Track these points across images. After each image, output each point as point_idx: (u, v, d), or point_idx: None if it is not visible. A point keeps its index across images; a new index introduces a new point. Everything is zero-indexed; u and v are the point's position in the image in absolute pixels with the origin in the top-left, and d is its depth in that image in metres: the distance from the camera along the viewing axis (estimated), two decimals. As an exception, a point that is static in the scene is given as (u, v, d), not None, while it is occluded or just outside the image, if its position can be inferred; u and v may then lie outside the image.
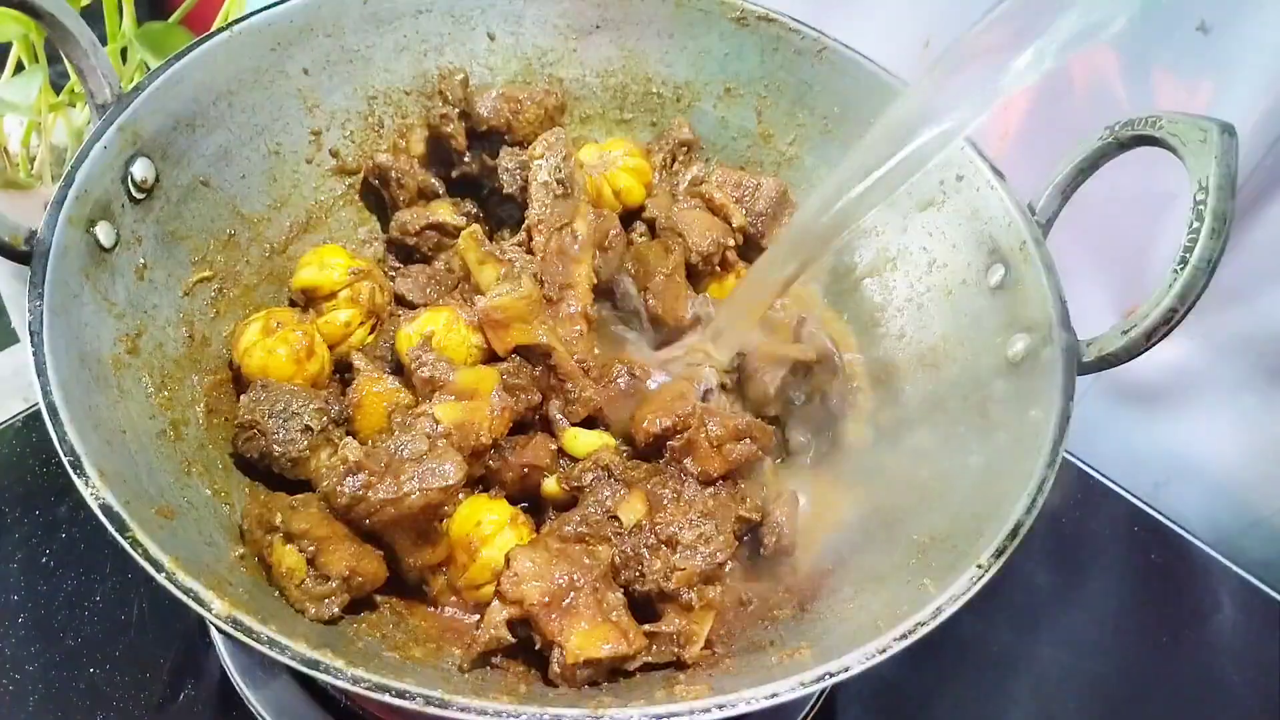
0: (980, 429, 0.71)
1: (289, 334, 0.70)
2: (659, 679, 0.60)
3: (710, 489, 0.68)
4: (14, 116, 0.98)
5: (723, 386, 0.75)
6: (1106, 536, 0.98)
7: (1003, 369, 0.73)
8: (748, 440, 0.69)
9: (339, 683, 0.49)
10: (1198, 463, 1.06)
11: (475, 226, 0.73)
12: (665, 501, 0.66)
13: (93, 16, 0.80)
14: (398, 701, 0.48)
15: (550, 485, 0.68)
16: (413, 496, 0.61)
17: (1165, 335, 0.63)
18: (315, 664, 0.49)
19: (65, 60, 0.68)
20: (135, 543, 0.51)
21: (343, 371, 0.74)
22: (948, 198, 0.81)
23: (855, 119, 0.87)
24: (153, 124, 0.70)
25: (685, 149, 0.91)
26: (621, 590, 0.63)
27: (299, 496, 0.62)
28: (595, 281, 0.77)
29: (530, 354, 0.71)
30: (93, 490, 0.52)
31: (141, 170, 0.69)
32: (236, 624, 0.50)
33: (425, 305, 0.74)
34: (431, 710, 0.48)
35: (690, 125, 0.92)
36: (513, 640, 0.60)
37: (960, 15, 0.97)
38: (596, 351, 0.75)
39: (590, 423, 0.72)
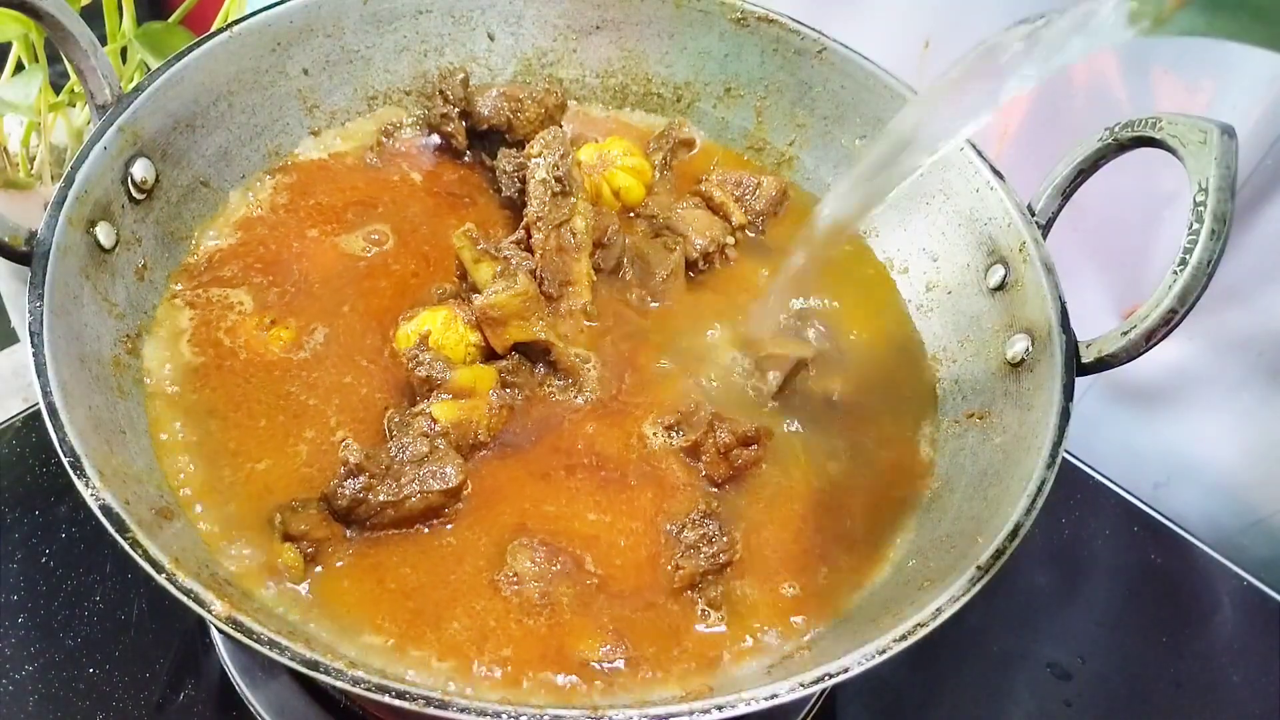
0: (979, 430, 0.72)
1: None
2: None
3: (716, 489, 0.69)
4: (14, 116, 0.99)
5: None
6: (1106, 536, 0.98)
7: (1002, 370, 0.73)
8: (755, 446, 0.69)
9: (339, 683, 0.49)
10: (1198, 463, 1.06)
11: (470, 225, 0.73)
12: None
13: (93, 16, 0.80)
14: (397, 702, 0.48)
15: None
16: (413, 499, 0.61)
17: (1165, 336, 0.63)
18: (315, 664, 0.49)
19: (65, 60, 0.68)
20: (135, 543, 0.51)
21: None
22: (947, 198, 0.81)
23: (855, 119, 0.87)
24: (153, 124, 0.70)
25: (685, 149, 0.91)
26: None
27: (299, 497, 0.62)
28: (594, 279, 0.77)
29: (530, 351, 0.71)
30: (93, 491, 0.52)
31: (141, 171, 0.69)
32: (236, 624, 0.50)
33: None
34: (431, 711, 0.48)
35: (690, 125, 0.92)
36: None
37: (960, 15, 0.99)
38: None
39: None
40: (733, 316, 0.79)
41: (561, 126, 0.85)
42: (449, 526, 0.63)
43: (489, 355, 0.71)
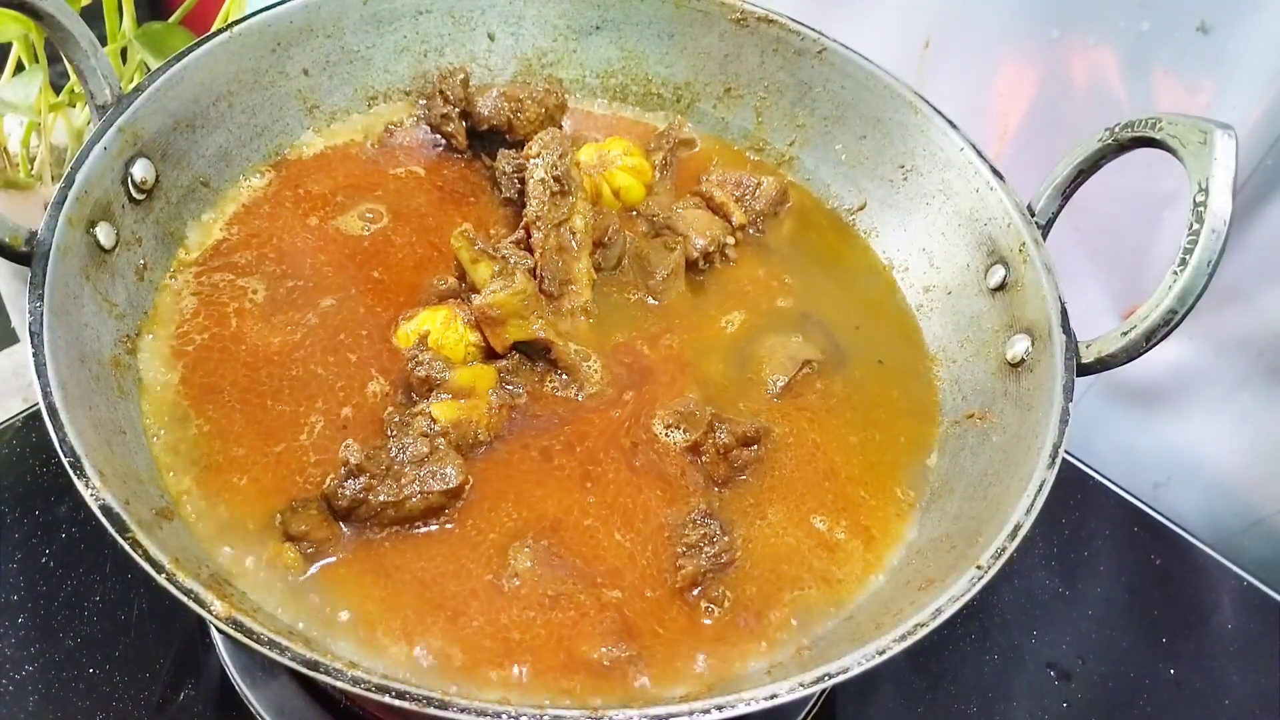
0: (979, 430, 0.72)
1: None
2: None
3: (716, 489, 0.69)
4: (14, 116, 0.99)
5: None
6: (1106, 537, 0.98)
7: (1002, 370, 0.73)
8: (755, 446, 0.69)
9: (339, 683, 0.49)
10: (1198, 463, 1.06)
11: (467, 225, 0.73)
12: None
13: (93, 16, 0.80)
14: (397, 702, 0.48)
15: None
16: (413, 500, 0.61)
17: (1165, 336, 0.63)
18: (315, 664, 0.49)
19: (65, 60, 0.68)
20: (135, 544, 0.51)
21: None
22: (947, 198, 0.81)
23: (855, 119, 0.87)
24: (153, 125, 0.70)
25: (685, 149, 0.91)
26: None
27: (299, 497, 0.62)
28: (594, 277, 0.77)
29: (530, 349, 0.72)
30: (93, 491, 0.52)
31: (141, 171, 0.69)
32: (236, 625, 0.50)
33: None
34: (431, 711, 0.48)
35: (690, 125, 0.92)
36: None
37: (960, 15, 0.99)
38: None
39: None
40: (733, 316, 0.80)
41: (561, 127, 0.85)
42: (450, 527, 0.63)
43: (489, 355, 0.71)
